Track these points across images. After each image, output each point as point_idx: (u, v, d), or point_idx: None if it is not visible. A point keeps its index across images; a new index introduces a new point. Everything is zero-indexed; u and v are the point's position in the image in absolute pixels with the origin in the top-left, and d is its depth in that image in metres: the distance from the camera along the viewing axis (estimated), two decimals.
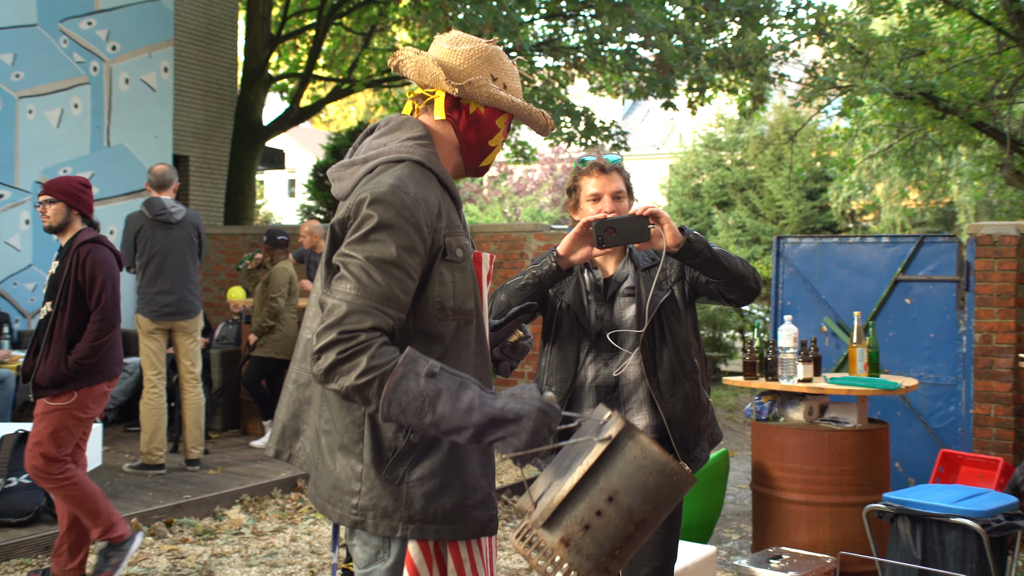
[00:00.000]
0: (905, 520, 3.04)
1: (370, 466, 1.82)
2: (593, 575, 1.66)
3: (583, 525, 1.65)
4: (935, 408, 5.96)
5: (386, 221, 1.73)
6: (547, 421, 1.65)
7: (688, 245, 2.42)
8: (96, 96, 8.59)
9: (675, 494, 1.66)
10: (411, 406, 1.65)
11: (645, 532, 1.67)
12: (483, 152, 1.95)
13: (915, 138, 12.44)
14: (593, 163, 2.56)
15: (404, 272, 1.74)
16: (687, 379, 2.55)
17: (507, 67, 1.95)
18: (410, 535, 1.81)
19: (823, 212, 21.17)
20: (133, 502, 5.38)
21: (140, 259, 6.04)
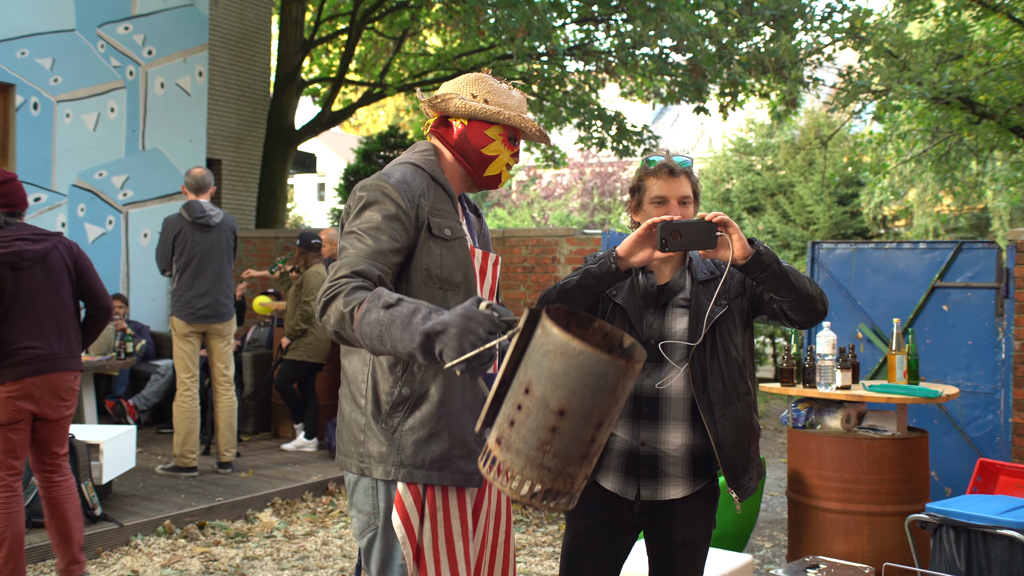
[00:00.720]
0: (949, 531, 2.98)
1: (370, 418, 2.10)
2: (528, 471, 1.62)
3: (509, 421, 1.64)
4: (973, 417, 5.86)
5: (371, 199, 2.09)
6: (470, 326, 1.71)
7: (757, 258, 2.29)
8: (132, 100, 8.68)
9: (588, 375, 1.56)
10: (373, 334, 1.82)
11: (573, 421, 1.59)
12: (481, 161, 2.22)
13: (950, 143, 12.28)
14: (662, 163, 2.42)
15: (388, 235, 2.05)
16: (739, 400, 2.42)
17: (490, 86, 2.23)
18: (401, 478, 2.07)
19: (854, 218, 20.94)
20: (166, 504, 5.42)
21: (178, 262, 6.08)
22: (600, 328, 1.78)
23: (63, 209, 8.10)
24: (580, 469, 1.66)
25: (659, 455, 2.43)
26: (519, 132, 2.27)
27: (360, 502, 2.14)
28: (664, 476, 2.44)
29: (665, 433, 2.43)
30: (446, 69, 12.60)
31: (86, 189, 8.31)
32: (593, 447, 1.65)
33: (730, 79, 10.68)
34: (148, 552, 4.81)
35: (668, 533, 2.50)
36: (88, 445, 4.98)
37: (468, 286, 2.17)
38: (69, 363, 3.95)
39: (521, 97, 2.28)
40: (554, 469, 1.62)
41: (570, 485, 1.66)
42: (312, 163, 13.75)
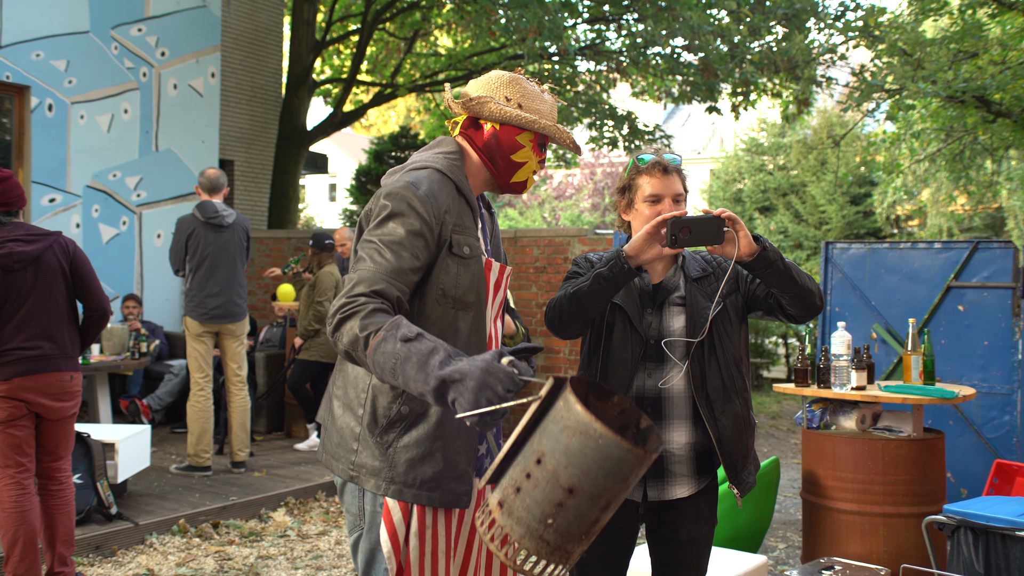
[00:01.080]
0: (967, 533, 2.96)
1: (366, 429, 2.07)
2: (526, 541, 1.59)
3: (515, 487, 1.61)
4: (989, 417, 5.83)
5: (397, 210, 2.01)
6: (489, 381, 1.68)
7: (763, 255, 2.29)
8: (145, 101, 8.72)
9: (604, 460, 1.54)
10: (387, 366, 1.80)
11: (580, 501, 1.56)
12: (509, 167, 2.16)
13: (964, 142, 12.21)
14: (655, 162, 2.41)
15: (410, 252, 1.99)
16: (737, 396, 2.43)
17: (524, 89, 2.16)
18: (391, 495, 2.05)
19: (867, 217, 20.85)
20: (181, 503, 5.44)
21: (191, 262, 6.10)
22: (619, 403, 1.76)
23: (78, 210, 8.14)
24: (578, 546, 1.64)
25: (664, 455, 2.43)
26: (548, 139, 2.21)
27: (348, 502, 2.15)
28: (670, 476, 2.45)
29: (669, 432, 2.43)
30: (457, 69, 12.61)
31: (100, 190, 8.34)
32: (595, 527, 1.63)
33: (742, 79, 10.64)
34: (163, 551, 4.83)
35: (674, 533, 2.50)
36: (103, 444, 5.00)
37: (479, 306, 2.15)
38: (61, 363, 3.90)
39: (553, 102, 2.24)
40: (553, 543, 1.60)
41: (565, 560, 1.64)
42: (324, 163, 13.78)
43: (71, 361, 3.98)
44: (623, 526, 2.49)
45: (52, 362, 3.87)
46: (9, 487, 3.76)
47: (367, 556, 2.13)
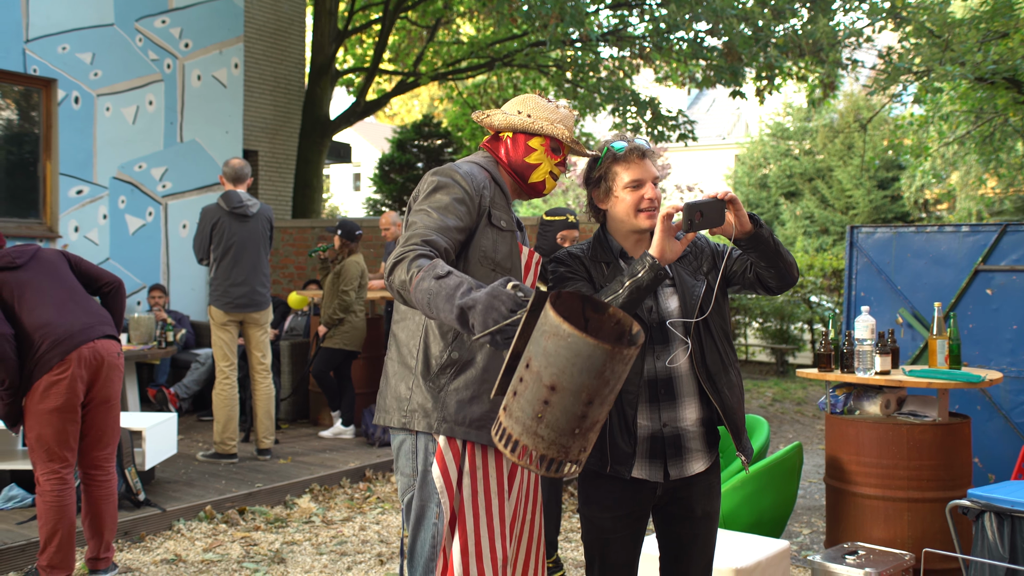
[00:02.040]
0: (992, 517, 2.93)
1: (419, 376, 2.33)
2: (524, 438, 1.77)
3: (513, 391, 1.80)
4: (1017, 402, 5.75)
5: (441, 183, 2.32)
6: (495, 303, 1.88)
7: (758, 233, 2.37)
8: (169, 93, 8.79)
9: (575, 356, 1.69)
10: (424, 301, 2.00)
11: (563, 396, 1.72)
12: (524, 169, 2.46)
13: (995, 124, 12.01)
14: (632, 147, 2.47)
15: (455, 215, 2.27)
16: (731, 368, 2.53)
17: (536, 103, 2.48)
18: (443, 432, 2.29)
19: (895, 202, 20.63)
20: (207, 490, 5.50)
21: (215, 251, 6.15)
22: (614, 315, 1.90)
23: (104, 201, 8.23)
24: (573, 441, 1.78)
25: (680, 433, 2.48)
26: (562, 144, 2.46)
27: (403, 465, 2.37)
28: (688, 452, 2.50)
29: (683, 411, 2.48)
30: (479, 57, 12.58)
31: (126, 181, 8.43)
32: (585, 422, 1.76)
33: (766, 63, 10.53)
34: (190, 536, 4.89)
35: (689, 510, 2.54)
36: (131, 432, 5.07)
37: (516, 273, 2.42)
38: (105, 330, 4.01)
39: (567, 112, 2.50)
40: (547, 438, 1.76)
41: (563, 454, 1.78)
42: (347, 153, 13.83)
43: (112, 328, 4.08)
44: (639, 509, 2.53)
45: (96, 329, 3.97)
46: (51, 481, 3.84)
47: (418, 512, 2.34)
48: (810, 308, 13.52)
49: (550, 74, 12.56)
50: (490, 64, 12.42)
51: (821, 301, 13.68)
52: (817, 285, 13.53)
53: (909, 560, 3.81)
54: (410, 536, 2.36)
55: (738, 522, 4.21)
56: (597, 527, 2.54)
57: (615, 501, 2.50)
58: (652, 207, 2.45)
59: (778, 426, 9.32)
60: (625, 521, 2.51)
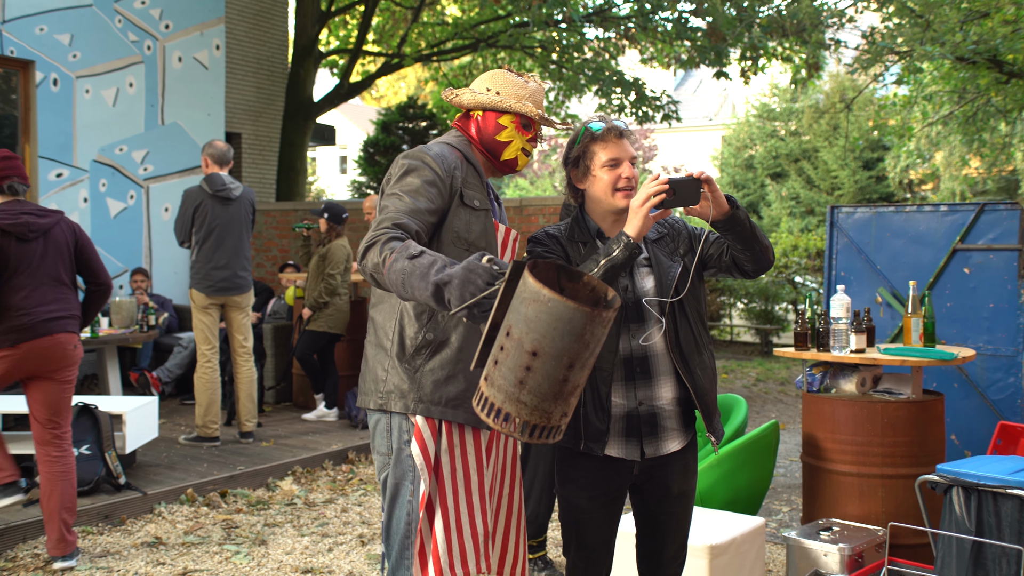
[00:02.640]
0: (959, 492, 2.96)
1: (395, 358, 2.37)
2: (507, 405, 1.80)
3: (494, 360, 1.83)
4: (994, 380, 5.81)
5: (411, 166, 2.34)
6: (471, 277, 1.91)
7: (735, 215, 2.38)
8: (150, 75, 8.72)
9: (556, 320, 1.73)
10: (398, 281, 2.03)
11: (545, 361, 1.76)
12: (496, 146, 2.47)
13: (977, 104, 12.06)
14: (609, 127, 2.47)
15: (426, 197, 2.29)
16: (704, 349, 2.55)
17: (505, 79, 2.48)
18: (420, 412, 2.33)
19: (880, 182, 20.70)
20: (188, 473, 5.51)
21: (197, 234, 6.12)
22: (588, 282, 1.94)
23: (85, 184, 8.19)
24: (555, 406, 1.81)
25: (656, 411, 2.50)
26: (533, 120, 2.48)
27: (378, 444, 2.42)
28: (663, 431, 2.51)
29: (659, 389, 2.50)
30: (464, 38, 12.53)
31: (107, 164, 8.38)
32: (567, 386, 1.80)
33: (750, 43, 10.52)
34: (171, 519, 4.90)
35: (666, 488, 2.56)
36: (111, 416, 5.07)
37: (492, 251, 2.44)
38: (68, 324, 4.08)
39: (537, 87, 2.51)
40: (530, 404, 1.79)
41: (546, 420, 1.82)
42: (331, 135, 13.77)
43: (75, 323, 4.15)
44: (616, 488, 2.54)
45: (60, 323, 4.04)
46: None
47: (392, 490, 2.39)
48: (795, 288, 13.58)
49: (535, 55, 12.52)
50: (474, 45, 12.37)
51: (806, 281, 13.74)
52: (802, 265, 13.58)
53: (882, 535, 3.86)
54: (385, 514, 2.40)
55: (715, 500, 4.24)
56: (574, 507, 2.56)
57: (592, 481, 2.52)
58: (629, 186, 2.46)
59: (761, 406, 9.38)
60: (601, 501, 2.53)
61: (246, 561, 4.35)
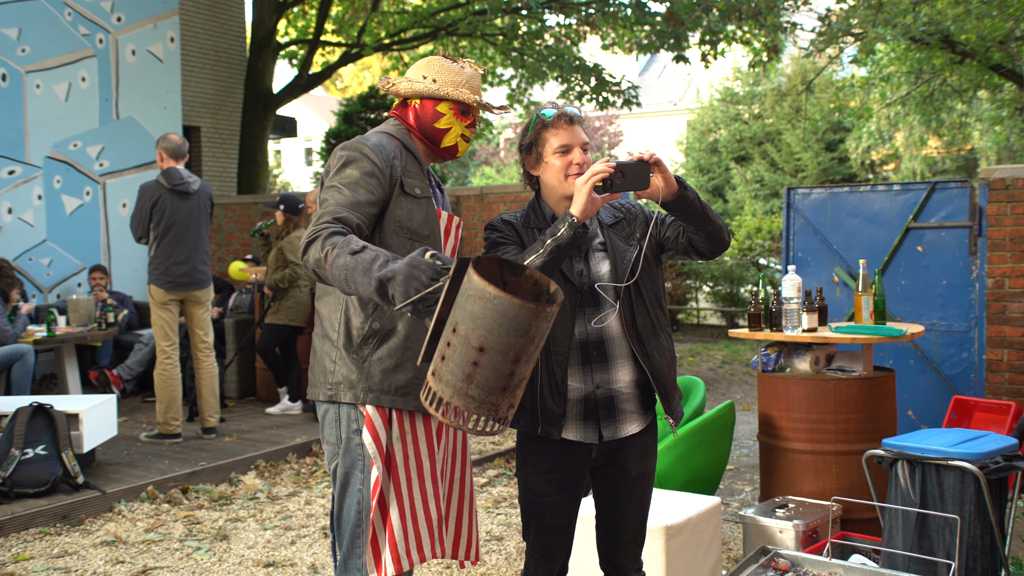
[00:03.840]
0: (904, 465, 3.01)
1: (341, 348, 2.36)
2: (456, 400, 1.84)
3: (441, 356, 1.86)
4: (948, 355, 5.91)
5: (350, 158, 2.33)
6: (415, 273, 1.92)
7: (683, 195, 2.37)
8: (103, 69, 8.60)
9: (502, 316, 1.77)
10: (341, 277, 2.03)
11: (492, 357, 1.80)
12: (435, 134, 2.46)
13: (934, 84, 12.21)
14: (559, 114, 2.47)
15: (366, 189, 2.28)
16: (662, 332, 2.55)
17: (441, 66, 2.48)
18: (370, 402, 2.34)
19: (842, 163, 20.90)
20: (149, 470, 5.47)
21: (156, 229, 6.05)
22: (531, 276, 1.96)
23: (39, 181, 8.06)
24: (502, 399, 1.85)
25: (614, 395, 2.50)
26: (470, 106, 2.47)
27: (328, 434, 2.42)
28: (621, 414, 2.52)
29: (615, 372, 2.50)
30: (424, 27, 12.46)
31: (61, 160, 8.26)
32: (513, 380, 1.84)
33: (708, 27, 10.56)
34: (131, 518, 4.87)
35: (624, 471, 2.57)
36: (67, 415, 5.01)
37: (434, 239, 2.43)
38: None
39: (473, 72, 2.50)
40: (477, 398, 1.83)
41: (493, 412, 1.86)
42: (293, 127, 13.66)
43: None
44: (575, 471, 2.56)
45: None
46: None
47: (342, 480, 2.39)
48: (759, 271, 13.70)
49: (497, 43, 12.48)
50: (435, 34, 12.31)
51: (770, 263, 13.87)
52: (765, 248, 13.70)
53: (837, 511, 3.92)
54: (336, 503, 2.40)
55: (672, 481, 4.28)
56: (533, 491, 2.57)
57: (550, 465, 2.53)
58: (581, 172, 2.45)
59: (727, 387, 9.47)
60: (560, 484, 2.54)
61: (207, 557, 4.33)
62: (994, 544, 2.99)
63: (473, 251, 8.22)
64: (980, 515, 2.90)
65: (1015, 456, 2.99)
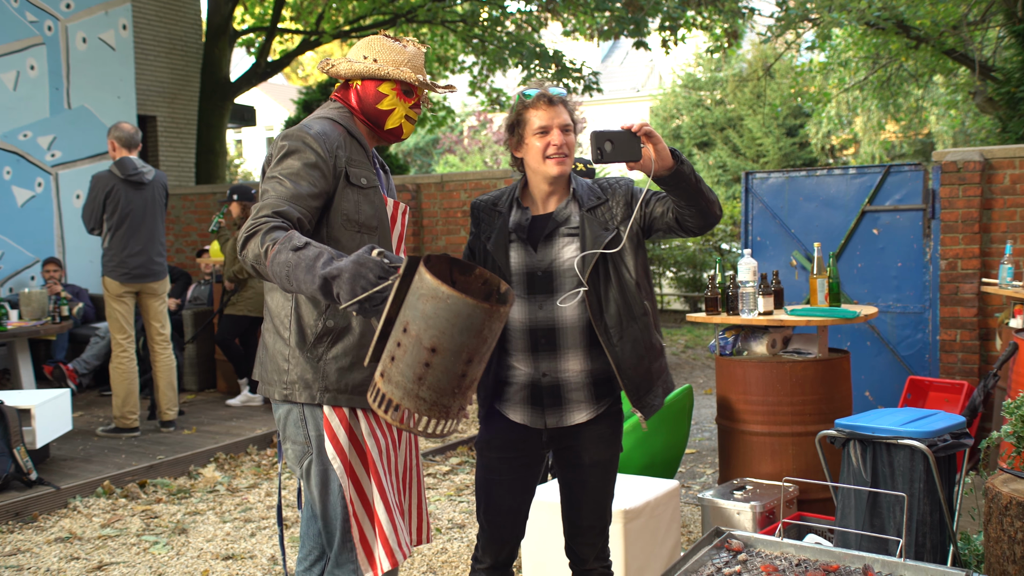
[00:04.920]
0: (856, 444, 3.05)
1: (295, 347, 2.29)
2: (406, 401, 1.80)
3: (390, 356, 1.82)
4: (903, 336, 5.99)
5: (293, 148, 2.24)
6: (361, 271, 1.88)
7: (680, 170, 2.27)
8: (53, 57, 8.42)
9: (455, 316, 1.74)
10: (282, 274, 1.98)
11: (444, 358, 1.76)
12: (378, 116, 2.38)
13: (890, 69, 12.34)
14: (540, 94, 2.42)
15: (308, 181, 2.20)
16: (635, 322, 2.43)
17: (382, 45, 2.39)
18: (327, 402, 2.28)
19: (803, 148, 21.10)
20: (106, 465, 5.39)
21: (110, 221, 5.94)
22: (480, 275, 1.94)
23: None
24: (453, 400, 1.81)
25: (561, 383, 2.47)
26: (413, 86, 2.39)
27: (292, 434, 2.34)
28: (568, 403, 2.48)
29: (564, 362, 2.46)
30: (383, 13, 12.35)
31: (11, 151, 8.08)
32: (465, 381, 1.80)
33: (667, 13, 10.58)
34: (87, 513, 4.79)
35: (577, 457, 2.55)
36: (19, 411, 4.92)
37: (383, 230, 2.36)
38: None
39: (416, 51, 2.42)
40: (428, 400, 1.79)
41: (444, 415, 1.81)
42: (251, 116, 13.48)
43: None
44: (528, 452, 2.55)
45: None
46: None
47: (321, 477, 2.31)
48: (722, 255, 13.79)
49: (457, 30, 12.41)
50: (393, 20, 12.21)
51: (732, 248, 13.97)
52: (728, 232, 13.79)
53: (792, 491, 3.96)
54: (319, 502, 2.32)
55: (632, 465, 4.30)
56: (486, 467, 2.57)
57: (504, 443, 2.53)
58: (560, 153, 2.39)
59: (689, 372, 9.54)
60: (513, 464, 2.54)
61: (165, 551, 4.28)
62: (943, 520, 3.03)
63: (435, 239, 8.18)
64: (929, 492, 2.95)
65: (963, 434, 3.04)
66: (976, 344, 5.56)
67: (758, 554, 2.33)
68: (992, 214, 5.61)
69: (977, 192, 5.58)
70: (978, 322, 5.58)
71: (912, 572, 2.11)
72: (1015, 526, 2.34)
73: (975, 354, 5.55)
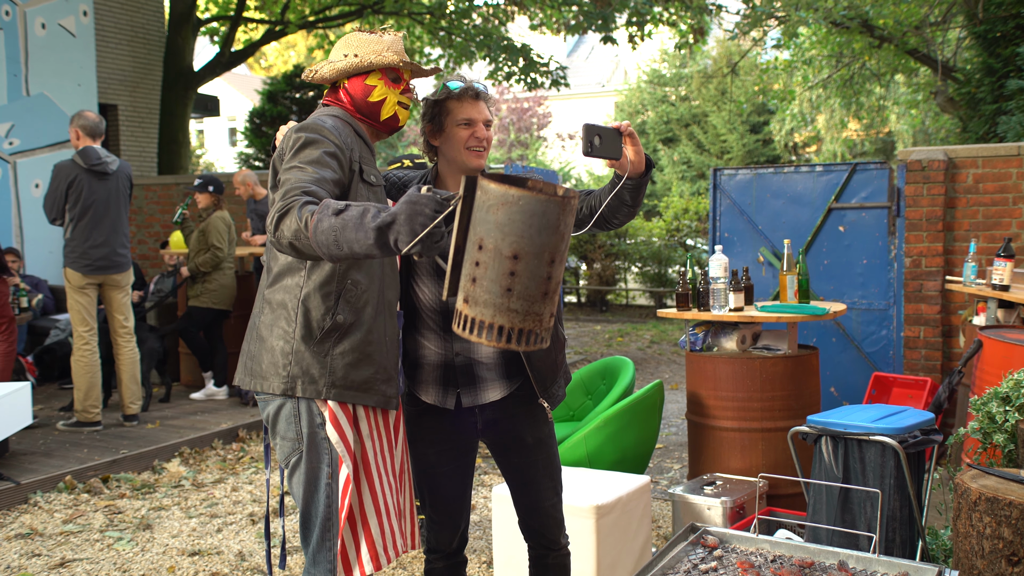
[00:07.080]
0: (827, 441, 3.08)
1: (300, 342, 2.26)
2: (499, 318, 1.76)
3: (471, 279, 1.77)
4: (868, 333, 6.07)
5: (309, 139, 2.21)
6: (417, 208, 1.83)
7: (646, 176, 2.36)
8: (10, 43, 8.23)
9: (531, 216, 1.70)
10: (329, 241, 1.91)
11: (528, 262, 1.73)
12: (372, 109, 2.39)
13: (853, 68, 12.49)
14: (467, 87, 2.47)
15: (330, 168, 2.18)
16: None
17: (359, 40, 2.41)
18: (332, 397, 2.27)
19: (767, 145, 21.30)
20: (67, 459, 5.29)
21: (72, 211, 5.82)
22: (535, 184, 1.89)
23: None
24: (544, 307, 1.78)
25: (473, 363, 2.51)
26: (399, 70, 2.40)
27: (283, 430, 2.31)
28: (481, 381, 2.52)
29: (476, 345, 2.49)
30: (349, 4, 12.24)
31: None
32: (551, 284, 1.78)
33: (635, 9, 10.61)
34: (48, 509, 4.70)
35: (520, 439, 2.58)
36: None
37: None
38: None
39: (393, 38, 2.42)
40: (521, 310, 1.76)
41: (539, 323, 1.79)
42: (215, 106, 13.30)
43: None
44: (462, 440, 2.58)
45: None
46: None
47: (309, 476, 2.29)
48: (687, 251, 13.89)
49: (424, 22, 12.33)
50: (360, 11, 12.10)
51: (697, 244, 14.08)
52: (693, 228, 13.90)
53: (763, 487, 4.00)
54: (303, 501, 2.31)
55: (603, 461, 4.31)
56: (424, 462, 2.59)
57: (437, 436, 2.56)
58: (480, 147, 2.47)
59: (655, 367, 9.59)
60: (450, 455, 2.57)
61: (129, 547, 4.21)
62: (912, 515, 3.08)
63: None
64: (899, 488, 2.99)
65: (932, 430, 3.09)
66: (939, 341, 5.65)
67: (733, 550, 2.35)
68: (955, 212, 5.71)
69: (941, 191, 5.66)
70: (941, 319, 5.68)
71: (886, 568, 2.14)
72: (984, 521, 2.37)
73: (938, 351, 5.64)
